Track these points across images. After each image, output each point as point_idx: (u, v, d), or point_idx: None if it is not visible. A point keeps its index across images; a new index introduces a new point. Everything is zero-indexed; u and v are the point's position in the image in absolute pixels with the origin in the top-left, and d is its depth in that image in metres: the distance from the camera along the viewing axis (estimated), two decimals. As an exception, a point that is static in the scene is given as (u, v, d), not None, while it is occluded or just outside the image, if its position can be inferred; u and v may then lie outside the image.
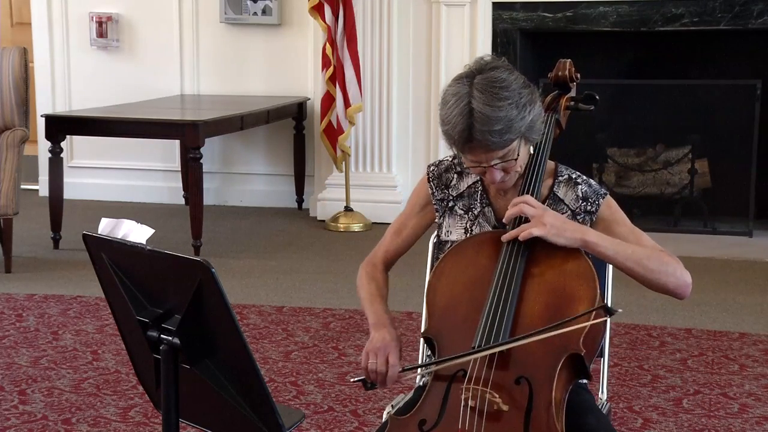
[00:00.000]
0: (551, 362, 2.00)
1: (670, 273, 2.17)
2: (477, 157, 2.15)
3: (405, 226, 2.41)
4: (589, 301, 2.06)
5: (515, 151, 2.15)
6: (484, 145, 2.11)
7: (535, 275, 2.11)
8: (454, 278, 2.18)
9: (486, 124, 2.08)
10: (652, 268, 2.16)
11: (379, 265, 2.41)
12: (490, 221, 2.29)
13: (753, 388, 3.73)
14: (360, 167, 6.62)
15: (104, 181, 7.37)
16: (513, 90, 2.11)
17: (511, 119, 2.09)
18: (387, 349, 2.16)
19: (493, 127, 2.08)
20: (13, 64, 5.48)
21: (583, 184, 2.28)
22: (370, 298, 2.33)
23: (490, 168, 2.16)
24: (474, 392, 1.98)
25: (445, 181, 2.35)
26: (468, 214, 2.32)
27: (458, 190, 2.34)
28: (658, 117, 6.56)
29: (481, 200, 2.31)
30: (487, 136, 2.09)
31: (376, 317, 2.27)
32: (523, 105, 2.11)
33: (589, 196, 2.26)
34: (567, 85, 2.41)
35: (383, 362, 2.15)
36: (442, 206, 2.35)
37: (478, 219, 2.30)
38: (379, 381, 2.16)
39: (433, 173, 2.37)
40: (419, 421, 2.03)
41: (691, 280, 2.20)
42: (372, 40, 6.50)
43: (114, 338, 4.21)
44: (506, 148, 2.13)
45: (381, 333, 2.20)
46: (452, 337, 2.10)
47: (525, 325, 2.05)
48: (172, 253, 1.77)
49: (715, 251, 5.82)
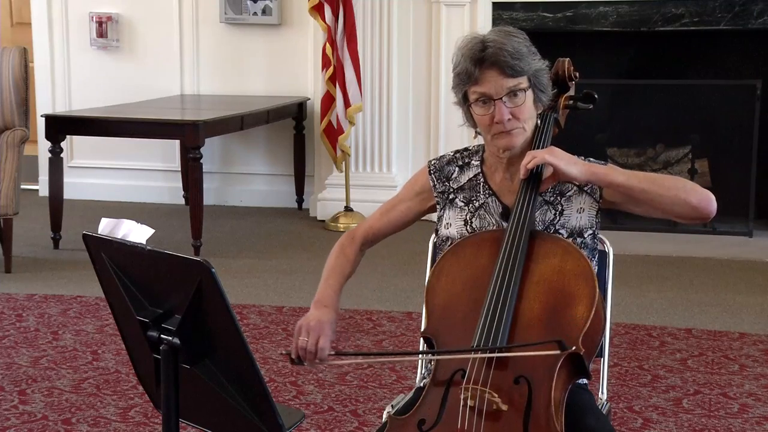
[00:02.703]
0: (550, 362, 2.00)
1: (689, 189, 2.15)
2: (487, 86, 2.19)
3: (394, 207, 2.43)
4: (588, 300, 2.06)
5: (524, 92, 2.20)
6: (496, 65, 2.17)
7: (533, 274, 2.11)
8: (453, 278, 2.18)
9: (499, 46, 2.18)
10: (668, 186, 2.16)
11: (358, 239, 2.42)
12: (496, 211, 2.30)
13: (753, 388, 3.73)
14: (360, 167, 6.62)
15: (104, 181, 7.37)
16: (523, 36, 2.23)
17: (522, 53, 2.19)
18: (320, 329, 2.19)
19: (506, 48, 2.17)
20: (13, 64, 5.48)
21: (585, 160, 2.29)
22: (329, 272, 2.36)
23: (498, 104, 2.18)
24: (473, 392, 1.98)
25: (446, 174, 2.37)
26: (468, 206, 2.32)
27: (459, 182, 2.35)
28: (658, 117, 6.56)
29: (484, 191, 2.32)
30: (500, 55, 2.16)
31: (322, 294, 2.31)
32: (533, 52, 2.24)
33: None
34: (566, 83, 2.41)
35: (314, 342, 2.17)
36: (443, 198, 2.36)
37: (479, 211, 2.31)
38: (306, 360, 2.17)
39: (434, 166, 2.39)
40: (418, 421, 2.03)
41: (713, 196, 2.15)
42: (372, 40, 6.50)
43: (114, 338, 4.21)
44: (517, 80, 2.19)
45: (320, 312, 2.24)
46: (451, 336, 2.10)
47: (524, 324, 2.05)
48: (172, 253, 1.77)
49: (715, 251, 5.82)
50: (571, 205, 2.28)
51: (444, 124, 6.49)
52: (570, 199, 2.29)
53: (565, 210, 2.28)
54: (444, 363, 2.08)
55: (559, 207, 2.28)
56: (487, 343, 2.02)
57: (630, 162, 6.61)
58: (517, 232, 2.15)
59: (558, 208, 2.28)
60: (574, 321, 2.04)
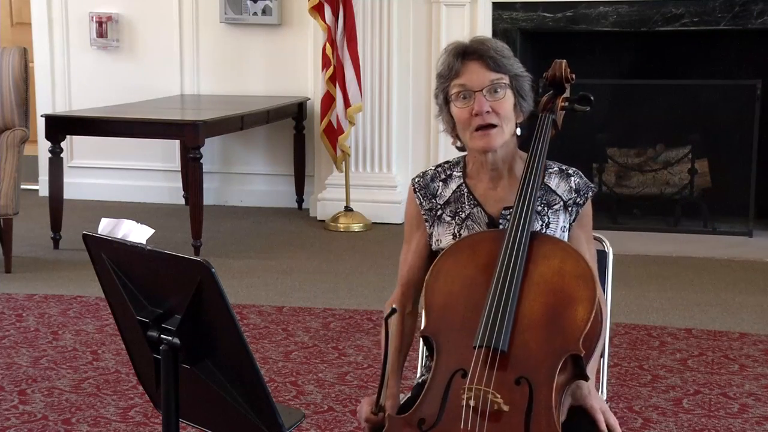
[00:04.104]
0: (551, 363, 2.00)
1: None
2: (468, 77, 2.23)
3: (409, 250, 2.37)
4: (589, 302, 2.06)
5: (505, 88, 2.23)
6: (478, 57, 2.22)
7: (534, 275, 2.11)
8: (452, 278, 2.18)
9: (483, 42, 2.27)
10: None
11: (402, 302, 2.34)
12: (482, 221, 2.29)
13: (753, 388, 3.73)
14: (360, 167, 6.62)
15: (104, 181, 7.37)
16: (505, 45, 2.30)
17: (505, 53, 2.26)
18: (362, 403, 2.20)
19: (489, 44, 2.25)
20: (13, 64, 5.48)
21: (575, 176, 2.32)
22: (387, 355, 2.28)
23: (478, 95, 2.21)
24: (476, 392, 1.98)
25: (432, 191, 2.35)
26: (455, 219, 2.31)
27: (444, 197, 2.34)
28: (658, 117, 6.56)
29: (468, 202, 2.31)
30: (483, 49, 2.23)
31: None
32: (516, 59, 2.30)
33: (581, 189, 2.31)
34: (562, 85, 2.41)
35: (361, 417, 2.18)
36: (431, 216, 2.34)
37: (467, 222, 2.30)
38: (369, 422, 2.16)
39: (418, 184, 2.37)
40: (418, 420, 2.03)
41: None
42: (372, 40, 6.50)
43: (114, 338, 4.21)
44: (498, 74, 2.23)
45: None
46: (451, 336, 2.10)
47: (525, 325, 2.05)
48: (172, 253, 1.77)
49: (715, 251, 5.82)
50: (557, 220, 2.28)
51: (444, 124, 6.48)
52: (557, 213, 2.29)
53: (551, 223, 2.28)
54: (445, 362, 2.07)
55: (546, 218, 2.28)
56: (489, 343, 2.02)
57: (630, 162, 6.62)
58: (519, 232, 2.15)
59: (545, 220, 2.28)
60: (574, 322, 2.04)
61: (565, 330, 2.04)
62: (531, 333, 2.04)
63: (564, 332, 2.03)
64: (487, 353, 2.01)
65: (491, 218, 2.28)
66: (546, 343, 2.02)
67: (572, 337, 2.02)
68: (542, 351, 2.02)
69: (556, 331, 2.04)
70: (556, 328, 2.04)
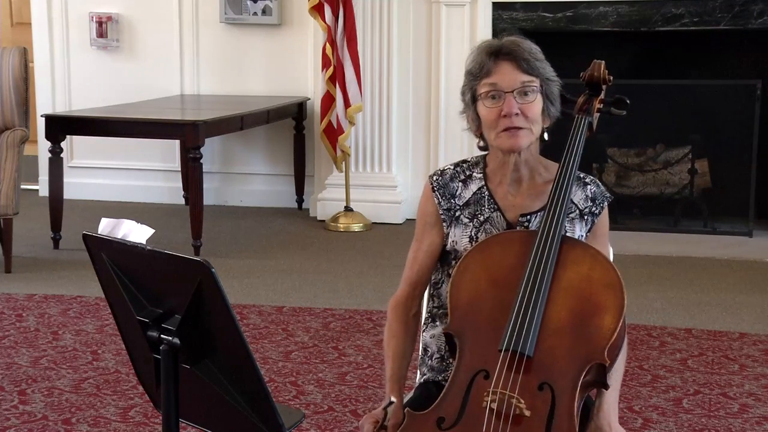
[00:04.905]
0: (576, 371, 1.98)
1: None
2: (500, 77, 2.19)
3: (420, 249, 2.31)
4: (617, 311, 2.04)
5: (536, 92, 2.20)
6: (511, 58, 2.20)
7: (561, 280, 2.08)
8: (479, 276, 2.14)
9: (517, 43, 2.23)
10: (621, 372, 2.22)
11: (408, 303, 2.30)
12: (500, 226, 2.25)
13: (753, 388, 3.73)
14: (360, 167, 6.62)
15: (104, 181, 7.37)
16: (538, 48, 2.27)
17: (538, 56, 2.23)
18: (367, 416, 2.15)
19: (523, 46, 2.22)
20: (13, 64, 5.48)
21: (591, 185, 2.30)
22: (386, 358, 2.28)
23: (508, 97, 2.18)
24: (501, 396, 1.95)
25: (451, 191, 2.29)
26: (473, 221, 2.27)
27: (464, 198, 2.29)
28: (658, 117, 6.55)
29: (489, 205, 2.27)
30: (516, 50, 2.21)
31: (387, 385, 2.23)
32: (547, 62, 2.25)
33: (597, 198, 2.28)
34: (599, 86, 2.39)
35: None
36: (449, 216, 2.28)
37: (484, 225, 2.26)
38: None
39: (437, 182, 2.31)
40: (437, 418, 2.00)
41: None
42: (372, 40, 6.50)
43: (114, 338, 4.21)
44: (530, 77, 2.20)
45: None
46: (476, 335, 2.07)
47: (552, 330, 2.03)
48: (172, 253, 1.77)
49: (715, 251, 5.82)
50: (573, 230, 2.25)
51: (444, 124, 6.49)
52: (572, 222, 2.25)
53: (567, 232, 2.22)
54: (467, 362, 2.04)
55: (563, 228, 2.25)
56: (516, 347, 1.99)
57: (630, 162, 6.62)
58: (550, 235, 2.11)
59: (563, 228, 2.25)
60: (601, 331, 2.02)
61: (591, 338, 2.02)
62: (557, 339, 2.02)
63: (590, 341, 2.01)
64: (512, 357, 1.99)
65: (509, 224, 2.25)
66: (572, 350, 2.00)
67: (598, 345, 2.00)
68: (567, 358, 2.00)
69: (582, 339, 2.02)
70: (582, 336, 2.02)
